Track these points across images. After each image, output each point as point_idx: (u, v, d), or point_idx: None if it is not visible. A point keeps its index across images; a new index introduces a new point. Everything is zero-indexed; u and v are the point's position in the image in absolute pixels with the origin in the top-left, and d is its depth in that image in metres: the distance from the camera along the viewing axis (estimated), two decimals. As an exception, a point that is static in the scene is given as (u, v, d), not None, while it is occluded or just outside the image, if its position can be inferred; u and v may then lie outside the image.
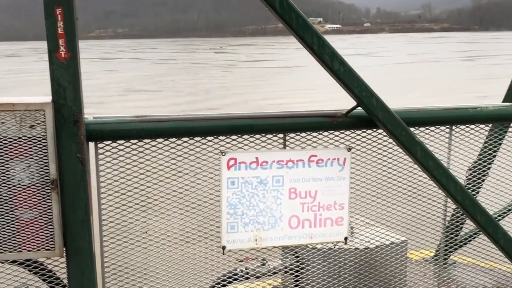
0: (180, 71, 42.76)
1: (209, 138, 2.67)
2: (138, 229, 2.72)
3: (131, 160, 2.60)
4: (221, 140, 2.68)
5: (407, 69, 38.32)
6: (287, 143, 2.79)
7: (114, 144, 2.57)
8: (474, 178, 3.29)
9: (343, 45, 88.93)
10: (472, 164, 3.31)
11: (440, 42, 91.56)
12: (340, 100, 2.64)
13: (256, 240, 2.76)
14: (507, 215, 3.57)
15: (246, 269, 3.05)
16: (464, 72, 34.65)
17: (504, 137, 3.31)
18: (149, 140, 2.60)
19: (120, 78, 36.44)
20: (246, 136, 2.73)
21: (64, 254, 2.44)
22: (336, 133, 2.83)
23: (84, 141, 2.36)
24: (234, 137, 2.70)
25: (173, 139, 2.63)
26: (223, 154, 2.65)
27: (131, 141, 2.58)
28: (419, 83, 28.97)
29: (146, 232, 2.75)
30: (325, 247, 3.04)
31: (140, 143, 2.60)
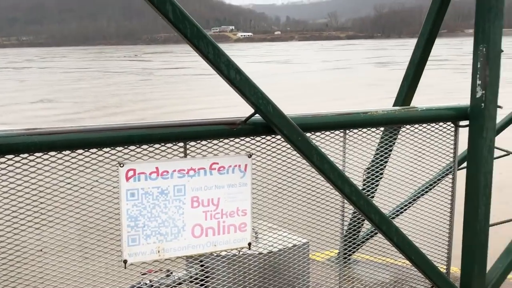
0: (95, 79, 41.28)
1: (105, 149, 2.60)
2: (32, 247, 2.59)
3: (22, 175, 2.48)
4: (119, 151, 2.63)
5: (326, 75, 39.53)
6: (188, 151, 2.78)
7: (2, 159, 2.44)
8: (370, 179, 3.45)
9: (258, 52, 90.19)
10: (368, 166, 3.47)
11: (350, 49, 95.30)
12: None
13: (159, 251, 2.72)
14: (401, 213, 3.78)
15: (150, 281, 2.99)
16: (378, 76, 36.31)
17: (395, 139, 3.50)
18: (40, 154, 2.49)
19: (31, 88, 34.54)
20: (145, 146, 2.69)
21: None
22: (237, 140, 2.87)
23: (-34, 157, 2.22)
24: (132, 147, 2.66)
25: (67, 152, 2.53)
26: (121, 165, 2.59)
27: (21, 155, 2.46)
28: (339, 87, 30.01)
29: (41, 250, 2.62)
30: (229, 254, 3.05)
31: (31, 157, 2.48)
